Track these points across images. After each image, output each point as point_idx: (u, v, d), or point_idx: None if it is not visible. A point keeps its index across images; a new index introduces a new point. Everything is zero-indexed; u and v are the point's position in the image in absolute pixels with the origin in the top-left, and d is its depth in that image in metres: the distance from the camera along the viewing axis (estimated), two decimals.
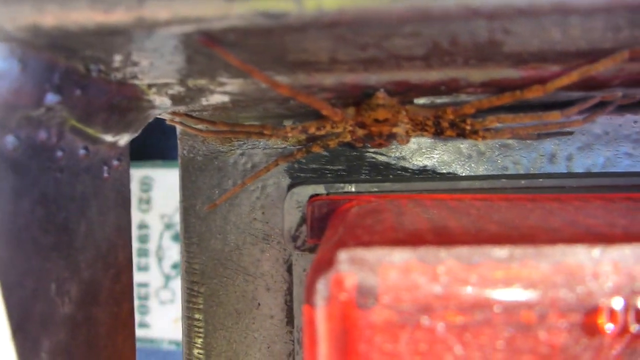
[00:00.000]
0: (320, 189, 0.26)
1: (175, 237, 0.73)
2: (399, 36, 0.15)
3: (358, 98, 0.22)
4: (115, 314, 0.24)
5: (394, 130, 0.23)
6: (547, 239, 0.15)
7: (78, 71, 0.18)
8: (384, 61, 0.18)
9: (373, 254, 0.15)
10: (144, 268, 0.73)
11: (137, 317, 0.72)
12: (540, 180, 0.25)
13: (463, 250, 0.14)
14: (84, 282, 0.21)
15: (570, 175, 0.26)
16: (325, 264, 0.15)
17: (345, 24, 0.14)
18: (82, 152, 0.21)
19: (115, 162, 0.24)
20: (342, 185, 0.26)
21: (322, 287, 0.15)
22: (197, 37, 0.15)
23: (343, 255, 0.15)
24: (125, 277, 0.25)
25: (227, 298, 0.31)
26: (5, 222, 0.17)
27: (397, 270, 0.14)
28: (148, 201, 0.73)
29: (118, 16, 0.14)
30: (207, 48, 0.16)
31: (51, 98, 0.17)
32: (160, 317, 0.74)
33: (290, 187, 0.28)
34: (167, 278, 0.73)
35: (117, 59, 0.17)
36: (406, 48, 0.17)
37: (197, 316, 0.31)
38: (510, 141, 0.29)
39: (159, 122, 0.29)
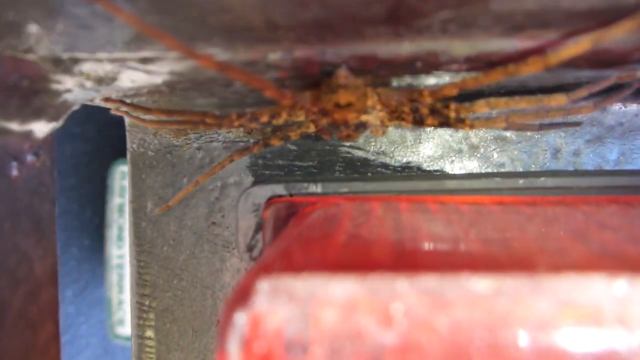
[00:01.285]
0: (280, 189, 0.22)
1: None
2: None
3: (317, 78, 0.18)
4: (29, 341, 0.20)
5: (363, 118, 0.19)
6: (549, 264, 0.10)
7: None
8: (338, 26, 0.14)
9: (305, 284, 0.10)
10: None
11: None
12: (542, 179, 0.21)
13: (430, 281, 0.10)
14: None
15: (577, 173, 0.22)
16: (242, 296, 0.11)
17: None
18: None
19: (30, 158, 0.20)
20: (305, 184, 0.22)
21: (236, 330, 0.11)
22: None
23: (264, 285, 0.11)
24: (46, 295, 0.21)
25: (182, 314, 0.27)
26: None
27: (336, 308, 0.10)
28: None
29: None
30: (91, 3, 0.12)
31: None
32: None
33: (246, 187, 0.23)
34: None
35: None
36: (363, 5, 0.13)
37: (148, 334, 0.27)
38: (508, 134, 0.24)
39: None
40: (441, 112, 0.18)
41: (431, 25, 0.14)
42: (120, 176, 0.65)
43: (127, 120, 0.27)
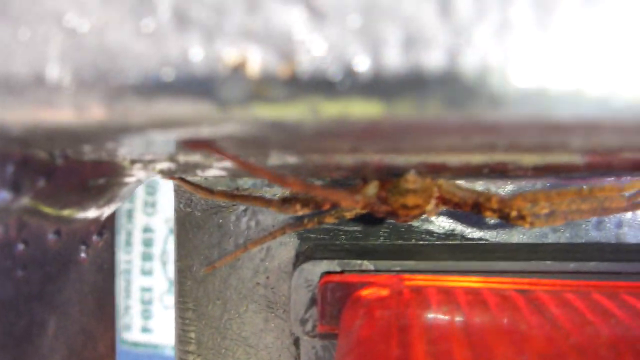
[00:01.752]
0: (333, 265, 0.23)
1: None
2: (445, 139, 0.12)
3: (381, 176, 0.19)
4: None
5: (424, 209, 0.19)
6: None
7: (39, 159, 0.14)
8: (419, 150, 0.15)
9: None
10: (148, 272, 0.71)
11: (140, 322, 0.70)
12: (593, 264, 0.21)
13: None
14: None
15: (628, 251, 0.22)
16: None
17: (378, 134, 0.11)
18: (51, 237, 0.18)
19: (95, 238, 0.20)
20: (359, 262, 0.22)
21: None
22: (181, 144, 0.12)
23: None
24: None
25: None
26: None
27: None
28: (153, 204, 0.71)
29: (72, 116, 0.11)
30: (196, 151, 0.12)
31: (4, 196, 0.14)
32: (164, 322, 0.71)
33: (298, 260, 0.24)
34: (171, 283, 0.71)
35: (87, 149, 0.14)
36: (450, 147, 0.13)
37: None
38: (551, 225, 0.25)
39: None
40: (502, 210, 0.18)
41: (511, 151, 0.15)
42: None
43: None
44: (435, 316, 0.17)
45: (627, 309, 0.18)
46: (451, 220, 0.25)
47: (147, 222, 0.71)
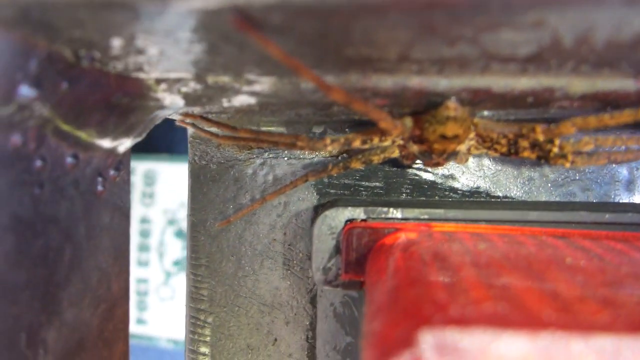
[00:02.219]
0: (358, 212, 0.22)
1: (178, 234, 0.70)
2: (514, 26, 0.11)
3: (419, 107, 0.18)
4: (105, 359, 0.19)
5: (459, 147, 0.18)
6: None
7: (64, 58, 0.13)
8: (469, 62, 0.14)
9: (473, 340, 0.10)
10: (144, 263, 0.70)
11: (135, 314, 0.69)
12: (630, 214, 0.20)
13: (606, 342, 0.10)
14: (65, 325, 0.17)
15: None
16: (398, 346, 0.10)
17: (449, 4, 0.10)
18: (69, 160, 0.17)
19: (112, 173, 0.19)
20: (385, 209, 0.21)
21: None
22: (228, 17, 0.11)
23: (428, 338, 0.10)
24: (120, 312, 0.20)
25: (238, 331, 0.26)
26: None
27: None
28: (151, 195, 0.70)
29: None
30: (241, 33, 0.11)
31: (26, 92, 0.13)
32: (159, 314, 0.71)
33: (321, 207, 0.23)
34: (168, 275, 0.71)
35: (117, 43, 0.13)
36: (512, 45, 0.12)
37: (202, 350, 0.27)
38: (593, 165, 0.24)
39: None
40: (543, 146, 0.17)
41: (564, 65, 0.14)
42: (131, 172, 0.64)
43: (190, 131, 0.27)
44: (474, 248, 0.16)
45: None
46: (475, 178, 0.25)
47: (145, 213, 0.70)
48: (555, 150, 0.17)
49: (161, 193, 0.69)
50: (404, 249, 0.17)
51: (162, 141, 0.69)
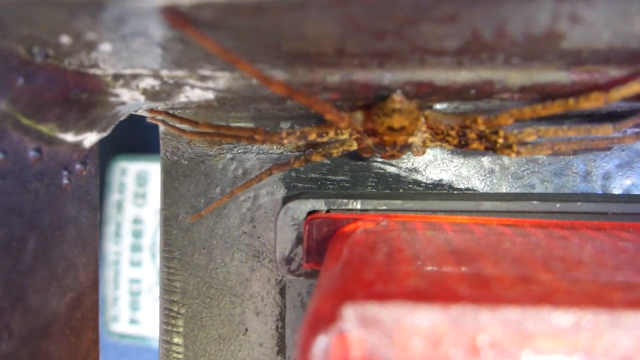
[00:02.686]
0: (319, 204, 0.22)
1: None
2: (431, 21, 0.12)
3: (368, 100, 0.18)
4: (73, 347, 0.20)
5: (410, 140, 0.19)
6: (622, 298, 0.11)
7: (17, 55, 0.14)
8: (404, 55, 0.15)
9: (390, 312, 0.11)
10: (136, 264, 0.71)
11: (128, 314, 0.69)
12: (579, 204, 0.21)
13: (513, 313, 0.11)
14: (30, 312, 0.18)
15: (614, 198, 0.22)
16: (325, 320, 0.11)
17: (361, 1, 0.11)
18: (32, 154, 0.17)
19: (78, 167, 0.20)
20: (345, 201, 0.22)
21: (321, 349, 0.11)
22: (162, 14, 0.11)
23: (349, 312, 0.11)
24: (88, 301, 0.21)
25: (210, 321, 0.27)
26: None
27: (423, 337, 0.10)
28: (144, 196, 0.71)
29: None
30: (176, 29, 0.12)
31: None
32: (152, 314, 0.71)
33: (286, 200, 0.24)
34: None
35: (65, 40, 0.14)
36: (436, 38, 0.13)
37: (176, 340, 0.28)
38: (539, 156, 0.25)
39: None
40: (489, 137, 0.18)
41: (495, 58, 0.15)
42: (120, 172, 0.65)
43: (162, 128, 0.27)
44: (422, 235, 0.17)
45: (617, 238, 0.18)
46: (438, 171, 0.25)
47: (137, 213, 0.71)
48: (501, 141, 0.18)
49: (153, 193, 0.69)
50: (358, 236, 0.18)
51: (154, 142, 0.69)
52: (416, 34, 0.13)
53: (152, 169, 0.69)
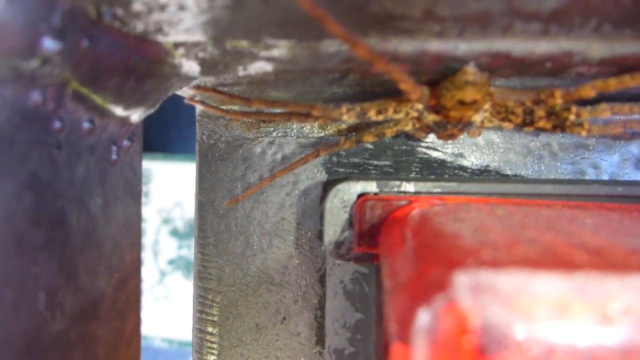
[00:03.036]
0: (371, 186, 0.22)
1: (173, 233, 0.69)
2: None
3: (436, 74, 0.18)
4: (118, 330, 0.19)
5: (474, 117, 0.18)
6: None
7: (86, 14, 0.13)
8: (493, 20, 0.14)
9: (509, 280, 0.10)
10: None
11: None
12: (620, 188, 0.20)
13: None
14: (81, 291, 0.17)
15: None
16: (431, 289, 0.10)
17: None
18: (86, 125, 0.17)
19: (126, 143, 0.19)
20: (397, 183, 0.21)
21: (427, 321, 0.10)
22: None
23: (462, 279, 0.10)
24: (132, 284, 0.20)
25: (246, 310, 0.26)
26: None
27: (548, 306, 0.10)
28: (146, 194, 0.70)
29: None
30: None
31: (49, 44, 0.13)
32: (154, 313, 0.70)
33: (333, 183, 0.23)
34: (163, 274, 0.70)
35: (137, 6, 0.13)
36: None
37: (210, 329, 0.27)
38: (588, 140, 0.24)
39: (160, 113, 0.25)
40: (560, 114, 0.17)
41: (587, 24, 0.14)
42: None
43: (198, 110, 0.27)
44: (493, 213, 0.16)
45: None
46: (485, 156, 0.25)
47: None
48: (572, 117, 0.17)
49: (156, 192, 0.69)
50: (419, 218, 0.17)
51: (157, 140, 0.68)
52: None
53: (154, 168, 0.68)
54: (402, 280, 0.12)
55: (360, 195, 0.22)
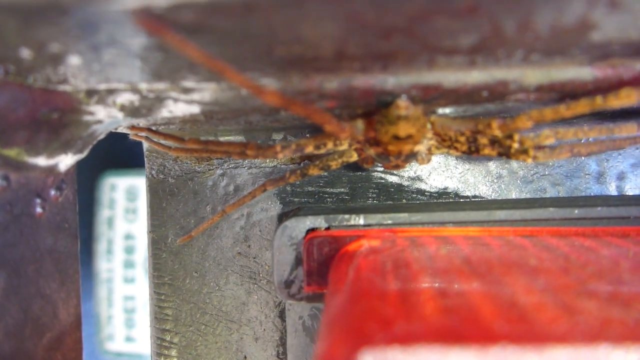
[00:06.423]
0: (319, 221, 0.21)
1: None
2: (447, 14, 0.10)
3: (370, 107, 0.17)
4: None
5: (416, 148, 0.18)
6: None
7: None
8: (412, 56, 0.13)
9: (417, 359, 0.09)
10: (130, 280, 0.69)
11: (124, 331, 0.68)
12: (599, 209, 0.20)
13: (564, 355, 0.09)
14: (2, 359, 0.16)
15: (634, 201, 0.21)
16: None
17: None
18: None
19: (53, 193, 0.18)
20: (347, 216, 0.20)
21: None
22: (133, 19, 0.10)
23: (368, 359, 0.09)
24: (70, 340, 0.19)
25: (206, 350, 0.25)
26: None
27: None
28: (135, 211, 0.69)
29: None
30: (153, 35, 0.10)
31: None
32: (148, 330, 0.69)
33: (282, 218, 0.22)
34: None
35: (26, 54, 0.12)
36: (450, 35, 0.11)
37: None
38: (556, 159, 0.23)
39: None
40: (503, 142, 0.17)
41: (513, 55, 0.13)
42: (109, 188, 0.63)
43: (146, 145, 0.26)
44: (436, 254, 0.15)
45: None
46: (443, 178, 0.24)
47: (129, 229, 0.69)
48: (516, 145, 0.16)
49: (144, 208, 0.68)
50: (365, 257, 0.16)
51: (142, 156, 0.68)
52: (428, 31, 0.11)
53: (141, 184, 0.67)
54: (321, 347, 0.11)
55: (309, 231, 0.21)
